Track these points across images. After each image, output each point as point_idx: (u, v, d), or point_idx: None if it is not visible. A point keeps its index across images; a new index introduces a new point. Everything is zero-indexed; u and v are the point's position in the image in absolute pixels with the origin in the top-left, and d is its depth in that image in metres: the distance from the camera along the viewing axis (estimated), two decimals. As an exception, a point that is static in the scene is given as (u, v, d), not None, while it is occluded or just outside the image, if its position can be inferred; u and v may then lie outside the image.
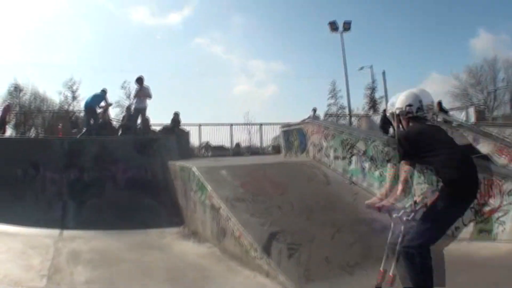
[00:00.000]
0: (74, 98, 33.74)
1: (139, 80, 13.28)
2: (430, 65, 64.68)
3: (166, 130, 15.46)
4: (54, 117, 25.18)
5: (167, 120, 16.80)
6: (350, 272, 5.33)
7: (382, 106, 37.90)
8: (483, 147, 12.36)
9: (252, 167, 8.24)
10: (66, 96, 34.95)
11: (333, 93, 46.89)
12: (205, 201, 7.25)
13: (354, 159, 8.20)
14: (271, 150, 22.71)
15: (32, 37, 55.53)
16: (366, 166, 7.89)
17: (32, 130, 29.97)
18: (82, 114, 15.99)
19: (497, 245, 5.86)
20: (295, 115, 72.48)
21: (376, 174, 7.62)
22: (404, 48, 59.23)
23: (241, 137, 21.50)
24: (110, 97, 14.76)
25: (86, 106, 14.23)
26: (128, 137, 12.79)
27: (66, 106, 32.27)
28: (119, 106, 30.89)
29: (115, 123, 16.17)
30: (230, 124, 19.53)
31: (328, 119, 26.29)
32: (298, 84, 67.22)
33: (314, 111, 19.76)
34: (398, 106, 3.80)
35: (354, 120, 26.82)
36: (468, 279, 4.30)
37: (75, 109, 27.25)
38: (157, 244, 7.40)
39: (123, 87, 33.91)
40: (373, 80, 41.57)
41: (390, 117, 3.99)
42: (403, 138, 3.68)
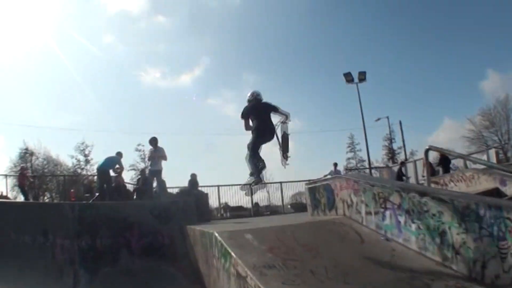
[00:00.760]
0: (87, 161, 33.98)
1: (153, 141, 12.93)
2: (442, 111, 64.96)
3: (184, 192, 14.91)
4: (67, 181, 24.92)
5: (184, 183, 16.37)
6: None
7: (401, 156, 37.46)
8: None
9: (279, 229, 7.58)
10: (79, 160, 35.11)
11: (351, 146, 46.65)
12: (229, 268, 6.58)
13: (388, 214, 7.50)
14: (290, 208, 22.11)
15: (43, 99, 56.69)
16: (402, 220, 7.18)
17: (46, 194, 29.78)
18: (96, 178, 15.62)
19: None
20: (313, 171, 71.74)
21: (413, 227, 6.91)
22: (417, 97, 59.54)
23: (259, 196, 21.04)
24: (124, 160, 14.46)
25: (99, 170, 13.92)
26: (143, 201, 12.29)
27: (79, 170, 32.14)
28: (134, 169, 30.66)
29: (129, 187, 15.76)
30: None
31: (347, 174, 25.76)
32: (314, 139, 67.18)
33: (335, 165, 19.34)
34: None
35: (374, 172, 26.31)
36: None
37: (88, 172, 26.99)
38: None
39: (137, 149, 33.88)
40: (390, 130, 41.38)
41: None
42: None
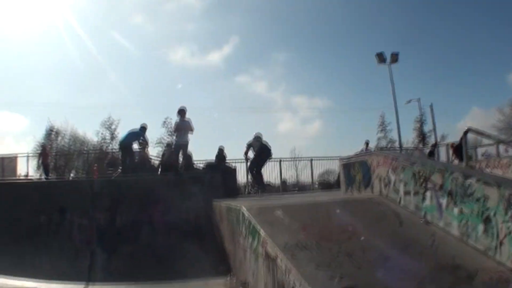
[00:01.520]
0: (113, 137, 33.31)
1: (181, 112, 12.14)
2: (470, 100, 63.34)
3: (211, 166, 14.09)
4: (92, 158, 24.64)
5: (212, 157, 15.78)
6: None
7: (432, 139, 36.39)
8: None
9: (312, 206, 6.91)
10: (105, 136, 34.90)
11: (382, 126, 45.51)
12: (257, 248, 5.95)
13: (428, 195, 6.73)
14: (318, 186, 21.51)
15: (72, 78, 57.00)
16: (443, 202, 6.40)
17: (73, 172, 29.73)
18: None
19: None
20: (342, 150, 71.06)
21: (456, 211, 6.14)
22: (446, 83, 58.03)
23: (287, 173, 20.61)
24: (151, 136, 13.94)
25: (121, 144, 13.45)
26: (167, 175, 11.69)
27: (105, 146, 31.92)
28: (161, 145, 30.20)
29: (154, 161, 15.21)
30: (280, 160, 18.46)
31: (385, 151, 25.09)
32: (344, 118, 66.16)
33: (367, 144, 18.64)
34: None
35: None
36: None
37: (114, 148, 26.63)
38: (198, 300, 6.13)
39: (164, 124, 33.34)
40: (421, 113, 40.37)
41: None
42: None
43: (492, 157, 18.07)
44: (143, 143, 13.90)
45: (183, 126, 12.03)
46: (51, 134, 34.67)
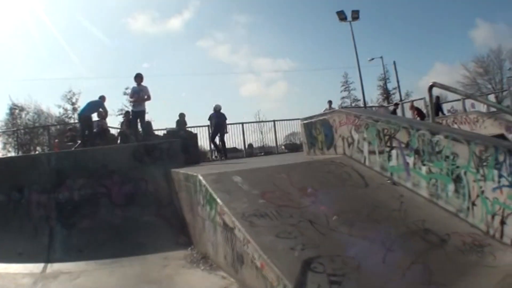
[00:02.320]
0: (74, 110, 32.76)
1: (137, 78, 11.71)
2: (433, 56, 64.62)
3: (171, 133, 13.74)
4: (54, 132, 23.93)
5: (173, 124, 15.39)
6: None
7: (396, 97, 36.75)
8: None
9: (273, 170, 6.55)
10: (66, 109, 34.13)
11: (346, 85, 45.78)
12: (215, 218, 5.60)
13: (394, 153, 6.51)
14: (284, 149, 21.47)
15: (32, 53, 54.93)
16: (410, 161, 6.19)
17: (38, 149, 28.99)
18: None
19: None
20: (308, 111, 71.17)
21: (424, 170, 5.95)
22: (408, 40, 58.49)
23: (253, 137, 20.52)
24: (113, 106, 13.47)
25: (81, 115, 12.99)
26: (124, 145, 11.21)
27: (67, 119, 31.21)
28: (122, 114, 29.77)
29: (114, 132, 14.70)
30: (242, 123, 18.21)
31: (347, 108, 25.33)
32: (308, 79, 66.41)
33: (330, 103, 18.47)
34: None
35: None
36: None
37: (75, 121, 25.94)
38: (157, 276, 5.76)
39: (125, 93, 32.86)
40: (385, 71, 40.83)
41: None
42: None
43: (459, 113, 18.15)
44: (102, 113, 13.41)
45: (139, 93, 11.59)
46: (14, 112, 33.86)
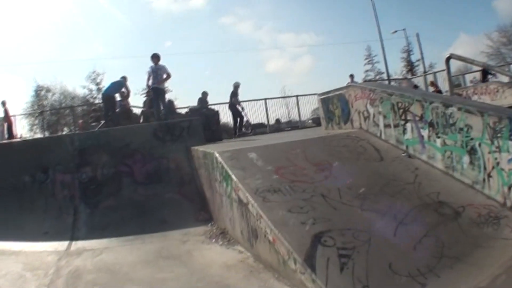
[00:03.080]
0: (99, 90, 32.91)
1: (154, 58, 11.75)
2: (457, 26, 62.59)
3: (193, 111, 13.85)
4: (79, 112, 24.29)
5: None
6: (423, 282, 3.83)
7: (420, 69, 35.97)
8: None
9: (288, 146, 6.59)
10: (91, 90, 34.46)
11: (369, 58, 45.11)
12: (231, 193, 5.72)
13: (409, 127, 6.46)
14: (311, 123, 21.39)
15: (54, 33, 55.53)
16: (425, 134, 6.13)
17: (65, 130, 29.48)
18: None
19: None
20: (333, 84, 70.45)
21: (438, 143, 5.88)
22: (432, 10, 56.98)
23: (279, 112, 20.49)
24: (138, 86, 13.63)
25: (104, 95, 13.18)
26: (145, 124, 11.37)
27: (91, 100, 31.50)
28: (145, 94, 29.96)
29: (137, 111, 14.88)
30: (264, 99, 18.19)
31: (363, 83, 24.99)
32: (333, 52, 65.11)
33: (352, 77, 18.18)
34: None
35: (393, 84, 25.44)
36: None
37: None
38: (177, 252, 5.95)
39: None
40: (408, 43, 40.17)
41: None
42: None
43: (479, 83, 17.75)
44: (125, 93, 13.57)
45: (157, 71, 11.65)
46: (40, 93, 34.32)
